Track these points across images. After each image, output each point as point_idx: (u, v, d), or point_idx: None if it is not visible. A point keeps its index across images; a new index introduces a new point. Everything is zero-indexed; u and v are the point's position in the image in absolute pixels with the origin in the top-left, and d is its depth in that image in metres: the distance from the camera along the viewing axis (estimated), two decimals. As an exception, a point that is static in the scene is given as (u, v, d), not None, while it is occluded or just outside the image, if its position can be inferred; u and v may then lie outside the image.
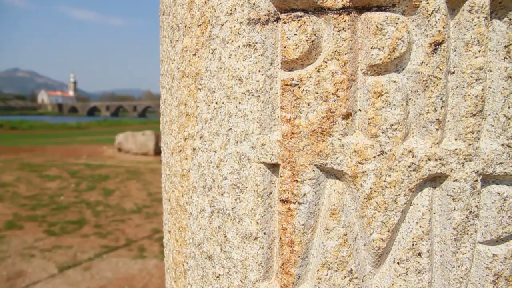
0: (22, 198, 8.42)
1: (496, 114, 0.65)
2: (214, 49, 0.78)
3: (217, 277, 0.82)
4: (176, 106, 0.92)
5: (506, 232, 0.67)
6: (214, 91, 0.78)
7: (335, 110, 0.65)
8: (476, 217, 0.66)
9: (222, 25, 0.75)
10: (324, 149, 0.66)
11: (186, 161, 0.89)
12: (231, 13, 0.74)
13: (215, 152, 0.79)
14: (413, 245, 0.66)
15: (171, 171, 0.98)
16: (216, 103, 0.78)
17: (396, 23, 0.62)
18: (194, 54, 0.83)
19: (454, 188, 0.65)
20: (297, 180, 0.68)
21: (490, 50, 0.64)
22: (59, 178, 10.63)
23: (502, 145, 0.65)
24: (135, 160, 14.22)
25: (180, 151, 0.91)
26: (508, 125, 0.65)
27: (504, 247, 0.68)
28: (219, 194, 0.79)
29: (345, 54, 0.64)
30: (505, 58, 0.64)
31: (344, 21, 0.64)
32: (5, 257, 5.36)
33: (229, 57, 0.75)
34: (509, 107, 0.64)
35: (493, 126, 0.65)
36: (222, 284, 0.81)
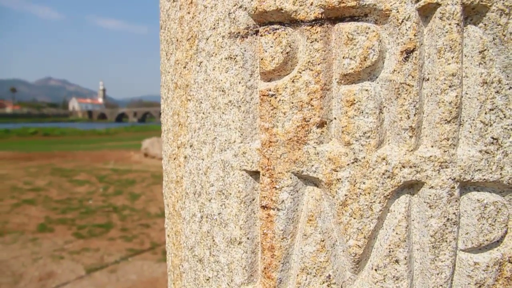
0: (54, 202, 8.82)
1: (473, 120, 0.64)
2: (201, 62, 0.81)
3: (207, 279, 0.85)
4: (171, 116, 0.97)
5: (487, 240, 0.65)
6: (201, 102, 0.82)
7: (310, 119, 0.67)
8: (454, 224, 0.65)
9: (207, 39, 0.79)
10: (300, 157, 0.68)
11: (179, 168, 0.93)
12: (214, 28, 0.77)
13: (203, 160, 0.82)
14: (389, 252, 0.66)
15: (168, 178, 1.03)
16: (203, 113, 0.81)
17: (367, 33, 0.64)
18: (184, 67, 0.87)
19: (430, 195, 0.64)
20: (275, 187, 0.70)
21: (465, 56, 0.64)
22: (88, 183, 11.05)
23: (480, 151, 0.64)
24: (160, 165, 14.52)
25: (174, 159, 0.96)
26: (486, 131, 0.64)
27: (487, 255, 0.67)
28: (207, 200, 0.82)
29: (318, 64, 0.66)
30: (480, 63, 0.63)
31: (317, 32, 0.66)
32: (37, 258, 5.63)
33: (213, 69, 0.78)
34: (485, 113, 0.63)
35: (470, 132, 0.65)
36: (211, 286, 0.84)
